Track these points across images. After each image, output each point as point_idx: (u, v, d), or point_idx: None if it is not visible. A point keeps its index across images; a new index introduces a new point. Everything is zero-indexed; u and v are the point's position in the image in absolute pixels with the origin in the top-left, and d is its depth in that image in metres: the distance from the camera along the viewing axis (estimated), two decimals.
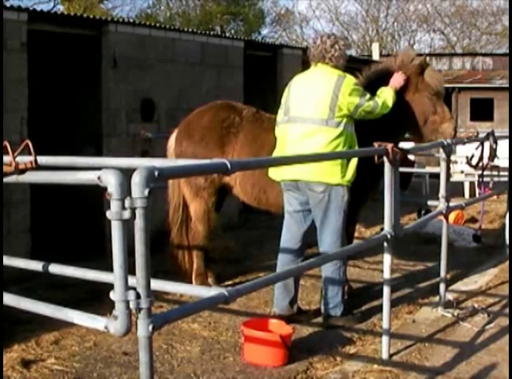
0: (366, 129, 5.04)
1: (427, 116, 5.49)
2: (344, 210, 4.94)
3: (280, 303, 5.14)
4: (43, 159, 3.39)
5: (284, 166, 4.81)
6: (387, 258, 4.37)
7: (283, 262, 5.09)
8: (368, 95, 4.97)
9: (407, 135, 5.97)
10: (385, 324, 4.38)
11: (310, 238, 5.19)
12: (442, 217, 5.50)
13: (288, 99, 5.08)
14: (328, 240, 4.96)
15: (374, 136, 4.55)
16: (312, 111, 4.85)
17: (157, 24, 9.70)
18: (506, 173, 7.24)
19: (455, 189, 10.18)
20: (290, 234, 5.13)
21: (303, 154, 4.65)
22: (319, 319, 5.19)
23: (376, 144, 4.34)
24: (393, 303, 4.71)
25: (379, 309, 4.74)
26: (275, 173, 5.08)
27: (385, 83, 5.38)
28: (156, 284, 3.07)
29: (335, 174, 4.81)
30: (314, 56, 5.03)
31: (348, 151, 4.88)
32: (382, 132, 5.00)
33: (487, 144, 6.26)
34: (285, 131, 5.04)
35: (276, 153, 5.08)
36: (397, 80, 5.35)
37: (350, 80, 4.90)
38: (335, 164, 4.79)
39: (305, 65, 11.29)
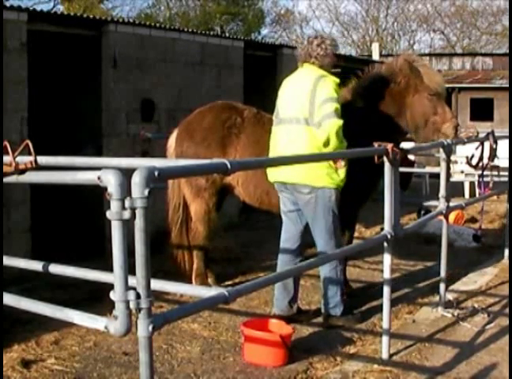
0: (366, 131, 5.04)
1: (428, 117, 5.48)
2: (332, 210, 4.92)
3: (279, 304, 5.14)
4: (43, 159, 3.39)
5: (275, 168, 4.85)
6: (387, 258, 4.37)
7: (283, 262, 5.11)
8: (338, 106, 4.72)
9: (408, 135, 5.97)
10: (385, 324, 4.38)
11: (309, 238, 5.19)
12: (442, 217, 5.50)
13: (278, 101, 5.12)
14: (321, 240, 4.98)
15: (374, 138, 4.55)
16: (295, 111, 4.86)
17: (157, 24, 9.70)
18: (506, 173, 7.24)
19: (455, 189, 10.18)
20: (288, 234, 5.15)
21: (304, 154, 4.64)
22: (319, 319, 5.19)
23: (376, 144, 4.34)
24: (393, 303, 4.71)
25: (379, 309, 4.74)
26: (269, 174, 5.14)
27: (383, 88, 5.40)
28: (156, 284, 3.07)
29: (320, 178, 4.81)
30: (300, 56, 5.05)
31: (347, 151, 4.86)
32: (383, 134, 5.00)
33: (487, 144, 6.26)
34: (275, 133, 5.09)
35: (270, 154, 5.11)
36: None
37: (331, 81, 4.82)
38: (320, 168, 4.76)
39: None
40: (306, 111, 4.80)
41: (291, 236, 5.13)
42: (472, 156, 6.37)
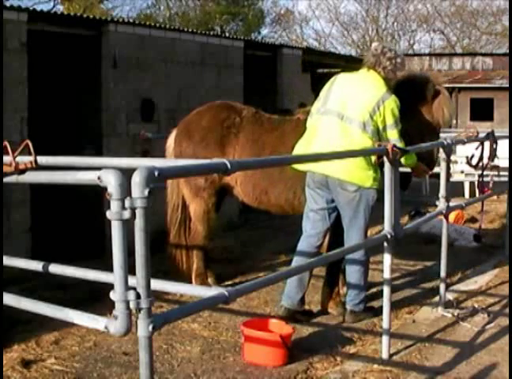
0: None
1: (413, 138, 5.29)
2: (372, 209, 5.02)
3: (291, 297, 5.11)
4: (43, 159, 3.39)
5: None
6: (387, 258, 4.37)
7: (300, 257, 5.08)
8: (400, 126, 4.97)
9: None
10: (385, 324, 4.38)
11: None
12: (442, 217, 5.50)
13: (329, 92, 5.07)
14: (355, 238, 5.01)
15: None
16: (353, 112, 4.87)
17: (157, 24, 9.70)
18: (506, 173, 7.23)
19: (455, 189, 10.17)
20: (315, 231, 5.14)
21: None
22: (319, 319, 5.20)
23: (376, 144, 4.35)
24: (393, 303, 4.70)
25: (379, 309, 4.74)
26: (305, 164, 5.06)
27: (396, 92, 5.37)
28: (156, 284, 3.07)
29: (369, 178, 4.89)
30: (368, 60, 5.09)
31: (347, 151, 4.86)
32: None
33: (487, 144, 6.26)
34: (318, 122, 5.04)
35: (304, 142, 5.09)
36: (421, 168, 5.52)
37: (395, 101, 4.92)
38: (369, 169, 4.87)
39: (305, 64, 11.30)
40: (366, 116, 4.84)
41: (318, 233, 5.14)
42: (472, 156, 6.37)
